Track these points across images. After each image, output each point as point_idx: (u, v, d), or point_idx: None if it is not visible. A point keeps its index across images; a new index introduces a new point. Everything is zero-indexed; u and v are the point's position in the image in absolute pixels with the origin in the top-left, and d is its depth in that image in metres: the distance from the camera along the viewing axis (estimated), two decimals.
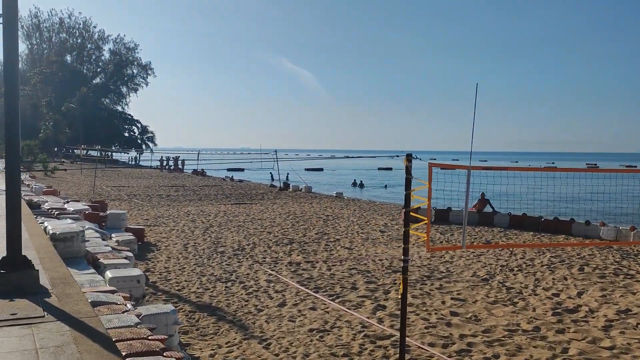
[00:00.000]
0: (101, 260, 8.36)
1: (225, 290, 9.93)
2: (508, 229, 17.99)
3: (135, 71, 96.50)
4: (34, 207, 13.88)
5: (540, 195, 18.14)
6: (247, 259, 12.61)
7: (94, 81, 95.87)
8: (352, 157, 47.00)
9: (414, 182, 6.18)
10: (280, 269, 11.70)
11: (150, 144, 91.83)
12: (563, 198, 19.65)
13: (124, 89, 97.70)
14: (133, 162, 79.16)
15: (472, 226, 18.23)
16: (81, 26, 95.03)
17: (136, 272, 7.73)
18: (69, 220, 10.10)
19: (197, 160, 51.76)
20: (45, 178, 38.14)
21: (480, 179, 15.07)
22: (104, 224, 13.83)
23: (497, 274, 11.35)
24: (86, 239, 8.84)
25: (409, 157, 6.31)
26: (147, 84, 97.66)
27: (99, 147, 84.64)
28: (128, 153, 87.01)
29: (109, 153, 73.97)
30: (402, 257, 6.22)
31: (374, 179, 62.30)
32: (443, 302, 9.29)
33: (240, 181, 45.03)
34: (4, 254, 5.41)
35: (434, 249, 13.49)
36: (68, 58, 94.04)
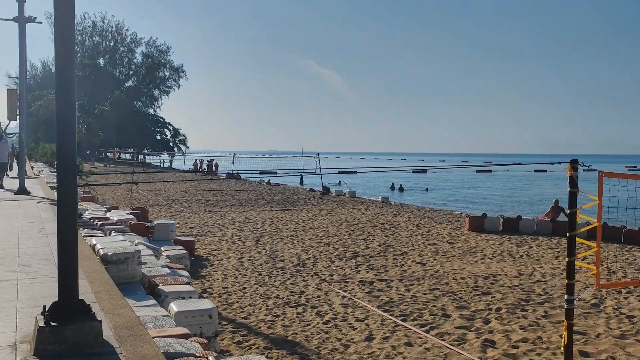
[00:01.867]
0: (161, 287, 7.02)
1: (297, 317, 8.53)
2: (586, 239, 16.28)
3: (167, 74, 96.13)
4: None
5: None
6: (311, 276, 11.21)
7: (127, 84, 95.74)
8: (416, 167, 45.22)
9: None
10: (352, 289, 10.27)
11: (182, 147, 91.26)
12: None
13: (156, 92, 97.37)
14: (167, 165, 78.59)
15: (545, 236, 16.61)
16: (114, 29, 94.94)
17: (206, 304, 6.36)
18: (119, 237, 8.80)
19: (233, 163, 50.65)
20: (79, 182, 37.31)
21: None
22: (150, 235, 12.56)
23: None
24: (143, 261, 7.52)
25: (575, 164, 4.83)
26: (179, 87, 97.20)
27: (132, 150, 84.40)
28: (160, 156, 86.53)
29: (142, 156, 73.51)
30: (566, 296, 4.73)
31: (409, 181, 60.44)
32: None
33: (277, 185, 43.76)
34: (47, 285, 4.06)
35: (606, 285, 10.33)
36: (101, 61, 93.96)
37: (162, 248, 11.19)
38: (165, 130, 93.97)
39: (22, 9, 17.70)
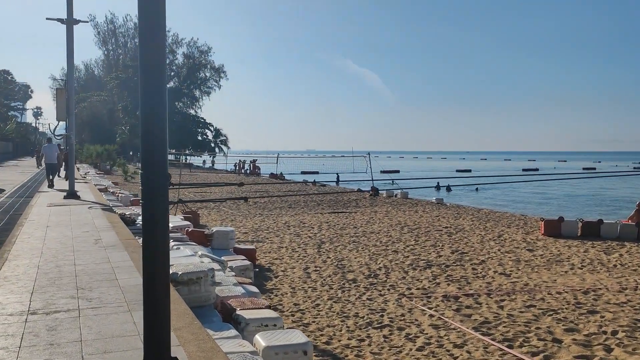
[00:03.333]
0: (239, 312, 6.04)
1: (385, 342, 7.46)
2: None
3: (208, 74, 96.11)
4: (129, 223, 11.86)
5: None
6: (387, 289, 10.13)
7: (168, 85, 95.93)
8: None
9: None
10: (438, 305, 9.16)
11: (224, 147, 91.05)
12: None
13: (197, 93, 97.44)
14: (208, 165, 78.43)
15: (630, 242, 15.19)
16: None
17: (298, 337, 5.34)
18: (186, 250, 7.84)
19: (277, 163, 49.86)
20: (125, 184, 36.93)
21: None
22: (209, 243, 11.65)
23: None
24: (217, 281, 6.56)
25: None
26: (219, 87, 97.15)
27: (174, 150, 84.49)
28: (201, 156, 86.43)
29: (184, 157, 73.38)
30: None
31: (454, 181, 58.66)
32: None
33: (323, 185, 42.79)
34: (115, 318, 3.06)
35: None
36: None
37: (223, 258, 10.27)
38: (206, 130, 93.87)
39: (71, 10, 17.05)
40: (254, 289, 8.01)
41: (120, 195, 20.04)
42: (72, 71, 18.09)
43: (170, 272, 6.19)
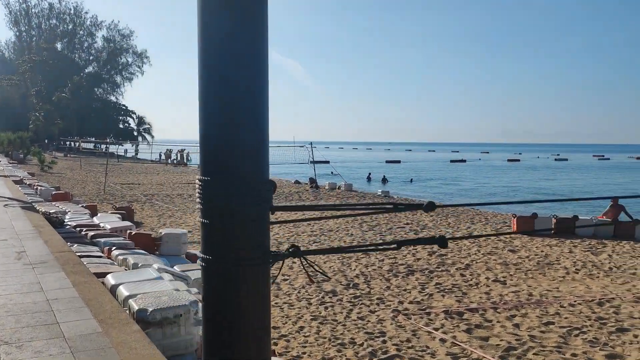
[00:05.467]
0: None
1: None
2: None
3: (130, 59, 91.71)
4: (57, 225, 9.73)
5: None
6: (376, 304, 8.56)
7: (87, 70, 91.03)
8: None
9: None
10: (443, 324, 7.67)
11: (148, 136, 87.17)
12: None
13: (118, 78, 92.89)
14: (131, 155, 74.66)
15: (607, 240, 14.30)
16: (72, 12, 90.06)
17: None
18: (151, 272, 5.92)
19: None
20: (42, 174, 33.74)
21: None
22: (156, 250, 9.71)
23: None
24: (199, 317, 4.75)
25: None
26: (142, 73, 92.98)
27: (94, 139, 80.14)
28: (123, 145, 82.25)
29: (104, 146, 69.45)
30: None
31: (384, 172, 57.91)
32: None
33: None
34: None
35: None
36: (59, 45, 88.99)
37: (177, 268, 8.40)
38: (129, 118, 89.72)
39: None
40: None
41: (39, 188, 17.53)
42: None
43: (136, 308, 4.36)
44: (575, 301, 8.77)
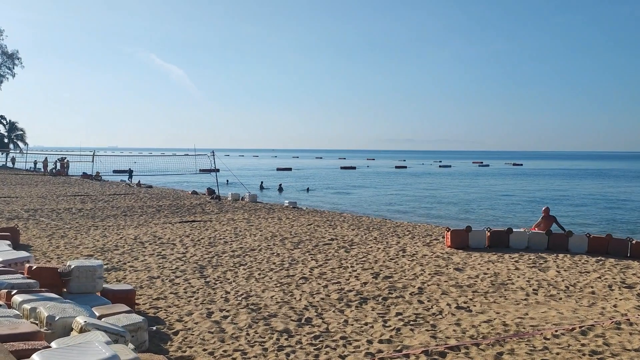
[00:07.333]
0: None
1: None
2: (587, 254, 13.76)
3: None
4: None
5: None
6: (343, 346, 7.21)
7: None
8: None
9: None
10: None
11: (20, 143, 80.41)
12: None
13: None
14: (1, 164, 68.47)
15: (544, 252, 13.87)
16: None
17: None
18: (97, 346, 4.23)
19: (93, 162, 43.94)
20: None
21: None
22: (64, 288, 7.84)
23: None
24: None
25: None
26: (13, 76, 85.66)
27: None
28: None
29: None
30: None
31: (276, 180, 56.75)
32: None
33: (150, 187, 38.27)
34: None
35: None
36: None
37: (94, 310, 6.67)
38: None
39: None
40: None
41: None
42: None
43: None
44: (556, 331, 7.90)
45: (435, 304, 9.23)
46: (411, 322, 8.22)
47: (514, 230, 14.61)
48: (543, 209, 15.59)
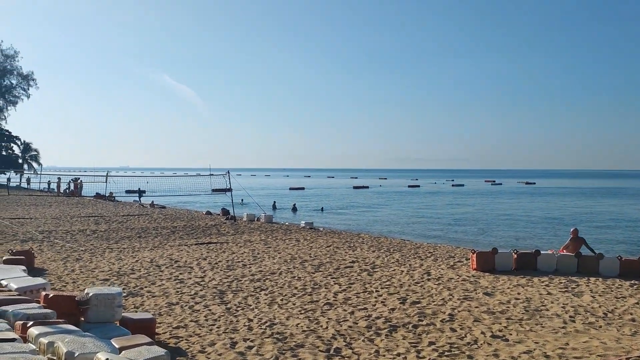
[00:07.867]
0: None
1: None
2: (619, 277, 13.24)
3: (14, 82, 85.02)
4: None
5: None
6: None
7: None
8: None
9: None
10: None
11: (34, 164, 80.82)
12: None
13: (1, 102, 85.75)
14: (15, 184, 68.62)
15: (571, 275, 13.37)
16: None
17: None
18: None
19: (106, 182, 43.85)
20: None
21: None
22: (82, 317, 7.48)
23: None
24: None
25: None
26: (28, 97, 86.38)
27: None
28: (5, 174, 75.63)
29: None
30: None
31: (290, 200, 56.34)
32: None
33: (163, 207, 38.05)
34: None
35: None
36: None
37: (113, 342, 6.28)
38: (12, 145, 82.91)
39: None
40: None
41: None
42: None
43: None
44: None
45: (469, 332, 8.77)
46: (446, 353, 7.76)
47: (542, 252, 14.11)
48: (571, 230, 15.09)
